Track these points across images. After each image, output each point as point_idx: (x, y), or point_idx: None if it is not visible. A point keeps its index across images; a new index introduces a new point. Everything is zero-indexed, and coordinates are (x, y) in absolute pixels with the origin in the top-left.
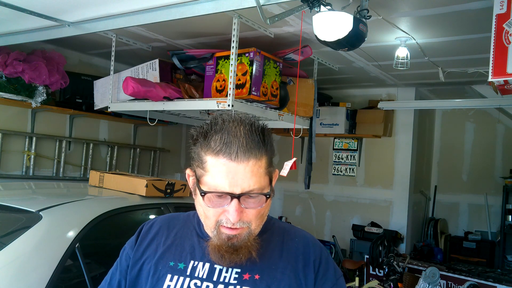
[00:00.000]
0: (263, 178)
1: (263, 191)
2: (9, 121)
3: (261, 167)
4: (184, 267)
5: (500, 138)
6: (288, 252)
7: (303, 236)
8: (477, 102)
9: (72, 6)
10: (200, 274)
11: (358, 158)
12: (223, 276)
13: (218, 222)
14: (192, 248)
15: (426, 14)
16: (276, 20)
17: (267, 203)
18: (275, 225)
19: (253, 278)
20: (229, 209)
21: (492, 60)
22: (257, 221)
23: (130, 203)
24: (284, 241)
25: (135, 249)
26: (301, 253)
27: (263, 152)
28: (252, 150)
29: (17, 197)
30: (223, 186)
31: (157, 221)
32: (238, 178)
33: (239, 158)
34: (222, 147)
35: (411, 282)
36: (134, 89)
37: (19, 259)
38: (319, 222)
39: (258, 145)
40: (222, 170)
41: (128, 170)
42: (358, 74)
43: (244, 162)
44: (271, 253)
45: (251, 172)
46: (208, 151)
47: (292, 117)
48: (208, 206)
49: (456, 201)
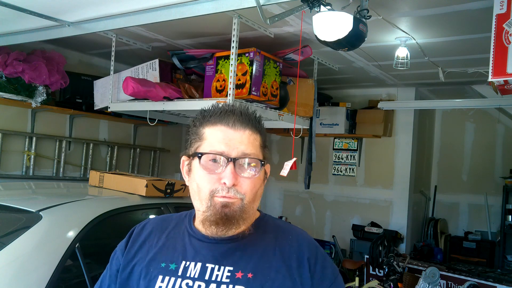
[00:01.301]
0: (258, 151)
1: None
2: (9, 121)
3: (257, 140)
4: (176, 267)
5: (500, 138)
6: (282, 250)
7: (298, 234)
8: (477, 102)
9: (72, 6)
10: (191, 274)
11: (358, 158)
12: (215, 274)
13: (212, 192)
14: (184, 248)
15: (426, 14)
16: (276, 20)
17: (261, 178)
18: (268, 221)
19: (246, 276)
20: (225, 172)
21: (492, 60)
22: (250, 196)
23: (130, 203)
24: (278, 239)
25: (126, 251)
26: (295, 251)
27: (258, 130)
28: (248, 123)
29: (17, 197)
30: (220, 148)
31: (149, 223)
32: (235, 142)
33: (236, 126)
34: (220, 118)
35: (411, 282)
36: (134, 89)
37: (19, 259)
38: (319, 222)
39: (254, 123)
40: (219, 135)
41: (128, 170)
42: (358, 74)
43: (241, 130)
44: (264, 251)
45: (248, 140)
46: (207, 124)
47: (292, 117)
48: (203, 172)
49: (456, 201)
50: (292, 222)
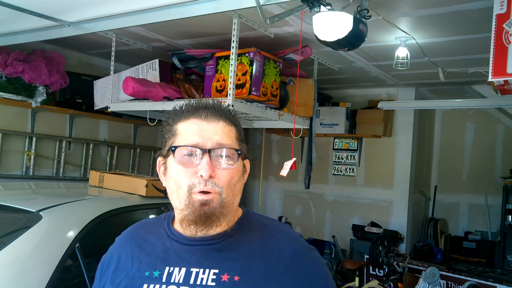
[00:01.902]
0: (234, 142)
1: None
2: (9, 121)
3: (232, 131)
4: (160, 274)
5: (500, 138)
6: (268, 250)
7: (284, 233)
8: (477, 102)
9: (72, 6)
10: (176, 279)
11: (358, 158)
12: (200, 278)
13: (190, 187)
14: (166, 253)
15: (426, 14)
16: (276, 20)
17: (238, 170)
18: (252, 219)
19: (232, 279)
20: (201, 165)
21: (492, 60)
22: (228, 189)
23: (130, 203)
24: (263, 238)
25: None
26: (282, 252)
27: (233, 122)
28: (221, 115)
29: (17, 197)
30: (195, 141)
31: (116, 244)
32: (209, 133)
33: (209, 118)
34: (193, 112)
35: (411, 282)
36: (134, 89)
37: (19, 259)
38: (319, 222)
39: (227, 115)
40: (193, 128)
41: (128, 170)
42: (358, 74)
43: (214, 122)
44: (250, 252)
45: (222, 131)
46: (179, 119)
47: (292, 117)
48: (179, 167)
49: (456, 201)
50: (292, 222)
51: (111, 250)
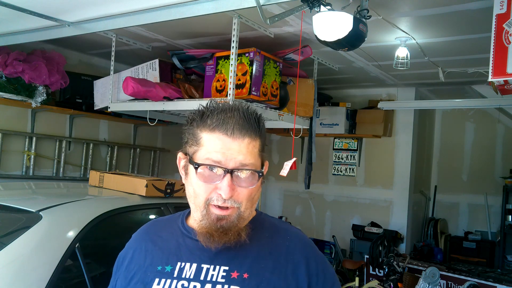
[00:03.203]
0: (256, 158)
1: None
2: (9, 121)
3: (256, 147)
4: (171, 269)
5: (500, 138)
6: (278, 250)
7: (294, 234)
8: (477, 102)
9: (72, 6)
10: (187, 274)
11: (358, 158)
12: (210, 274)
13: (208, 200)
14: (178, 249)
15: (426, 14)
16: (276, 20)
17: (258, 186)
18: (265, 220)
19: (241, 276)
20: (222, 184)
21: (492, 60)
22: (247, 203)
23: (130, 203)
24: (273, 238)
25: (118, 275)
26: (292, 252)
27: (258, 134)
28: (248, 129)
29: (17, 197)
30: (217, 158)
31: (132, 240)
32: (233, 153)
33: (235, 134)
34: (219, 124)
35: (411, 282)
36: (134, 89)
37: (19, 259)
38: (319, 222)
39: (254, 127)
40: (217, 144)
41: (128, 170)
42: (358, 74)
43: (239, 139)
44: (260, 251)
45: (246, 149)
46: (204, 128)
47: (292, 117)
48: (200, 181)
49: (456, 201)
50: (292, 222)
51: (127, 246)
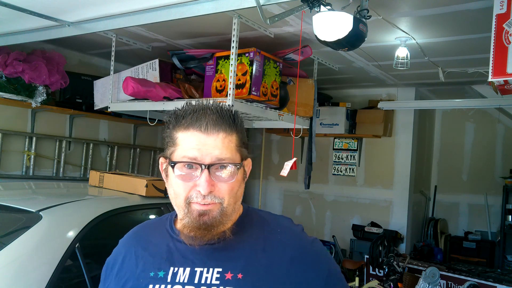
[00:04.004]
0: (234, 153)
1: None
2: (9, 121)
3: (232, 141)
4: (164, 274)
5: (500, 138)
6: (271, 246)
7: (286, 228)
8: (477, 102)
9: (72, 6)
10: (181, 279)
11: (358, 158)
12: (204, 277)
13: (188, 199)
14: (170, 253)
15: (426, 14)
16: (276, 20)
17: (239, 180)
18: (253, 216)
19: (236, 277)
20: (200, 180)
21: (492, 60)
22: (230, 199)
23: (130, 203)
24: (265, 234)
25: (108, 282)
26: (284, 247)
27: (234, 129)
28: (222, 124)
29: (17, 197)
30: (193, 155)
31: (120, 245)
32: (208, 148)
33: (209, 130)
34: (193, 121)
35: (411, 282)
36: (134, 89)
37: (19, 259)
38: (319, 222)
39: (228, 122)
40: (192, 141)
41: (128, 170)
42: (358, 74)
43: (214, 134)
44: (252, 249)
45: (222, 144)
46: (179, 127)
47: (292, 117)
48: (179, 180)
49: (456, 201)
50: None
51: (114, 252)
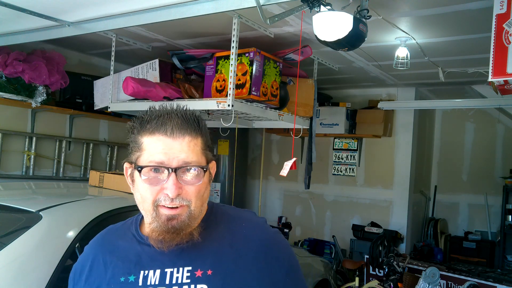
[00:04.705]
0: (200, 156)
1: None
2: (9, 121)
3: (197, 145)
4: (135, 278)
5: (500, 138)
6: (237, 240)
7: (250, 221)
8: (477, 102)
9: (72, 6)
10: (152, 281)
11: (358, 158)
12: (175, 277)
13: (156, 202)
14: (138, 257)
15: (426, 14)
16: (276, 20)
17: (205, 183)
18: (217, 211)
19: (206, 274)
20: (167, 184)
21: (492, 60)
22: (197, 201)
23: (130, 203)
24: (230, 229)
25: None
26: (249, 240)
27: (199, 133)
28: (188, 128)
29: (17, 197)
30: (160, 159)
31: (86, 252)
32: (175, 152)
33: (174, 134)
34: (158, 126)
35: (411, 282)
36: (134, 89)
37: (19, 259)
38: (319, 222)
39: (193, 126)
40: (158, 145)
41: None
42: (358, 74)
43: (180, 138)
44: (219, 245)
45: (188, 147)
46: (144, 132)
47: (292, 117)
48: (145, 184)
49: (456, 201)
50: (292, 222)
51: (81, 259)
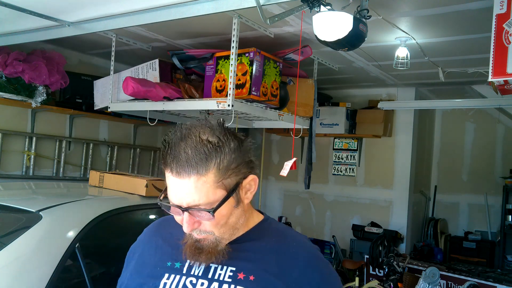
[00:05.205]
0: (211, 193)
1: (211, 206)
2: (9, 121)
3: (207, 182)
4: (181, 266)
5: (500, 138)
6: (283, 256)
7: (300, 243)
8: (477, 102)
9: (72, 6)
10: (195, 272)
11: (358, 158)
12: (218, 273)
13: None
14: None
15: (426, 14)
16: (276, 20)
17: (226, 213)
18: (271, 226)
19: (247, 278)
20: (183, 221)
21: (492, 60)
22: (220, 229)
23: (130, 203)
24: (279, 244)
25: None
26: (297, 261)
27: (211, 166)
28: (195, 166)
29: (17, 197)
30: (172, 198)
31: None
32: (182, 193)
33: (180, 174)
34: (168, 161)
35: (411, 282)
36: (134, 89)
37: (19, 259)
38: (319, 222)
39: (203, 160)
40: (170, 183)
41: (128, 170)
42: (358, 74)
43: (185, 178)
44: (266, 255)
45: (195, 188)
46: (164, 164)
47: (292, 117)
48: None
49: (456, 201)
50: (292, 222)
51: (138, 240)
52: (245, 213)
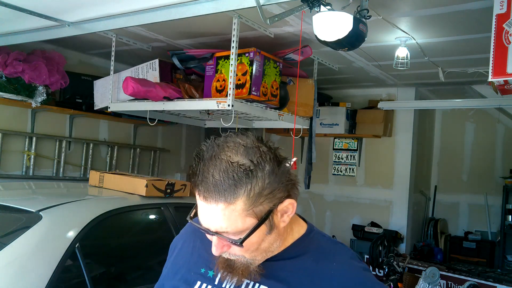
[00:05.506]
0: (240, 221)
1: (240, 235)
2: (9, 121)
3: (235, 210)
4: (213, 275)
5: (500, 138)
6: (320, 279)
7: (343, 261)
8: (477, 102)
9: (72, 6)
10: (227, 285)
11: (358, 158)
12: None
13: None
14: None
15: (426, 14)
16: (276, 20)
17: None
18: (312, 241)
19: None
20: (212, 242)
21: (492, 60)
22: (252, 253)
23: (130, 203)
24: (319, 264)
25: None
26: (331, 283)
27: (240, 194)
28: (223, 193)
29: (17, 197)
30: (201, 220)
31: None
32: (209, 218)
33: (207, 199)
34: (197, 183)
35: (411, 282)
36: (134, 89)
37: (19, 259)
38: (319, 222)
39: (232, 187)
40: (199, 207)
41: (128, 170)
42: (358, 74)
43: (213, 204)
44: (302, 277)
45: (223, 215)
46: (193, 182)
47: (292, 117)
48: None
49: (456, 201)
50: None
51: (181, 233)
52: (281, 236)
